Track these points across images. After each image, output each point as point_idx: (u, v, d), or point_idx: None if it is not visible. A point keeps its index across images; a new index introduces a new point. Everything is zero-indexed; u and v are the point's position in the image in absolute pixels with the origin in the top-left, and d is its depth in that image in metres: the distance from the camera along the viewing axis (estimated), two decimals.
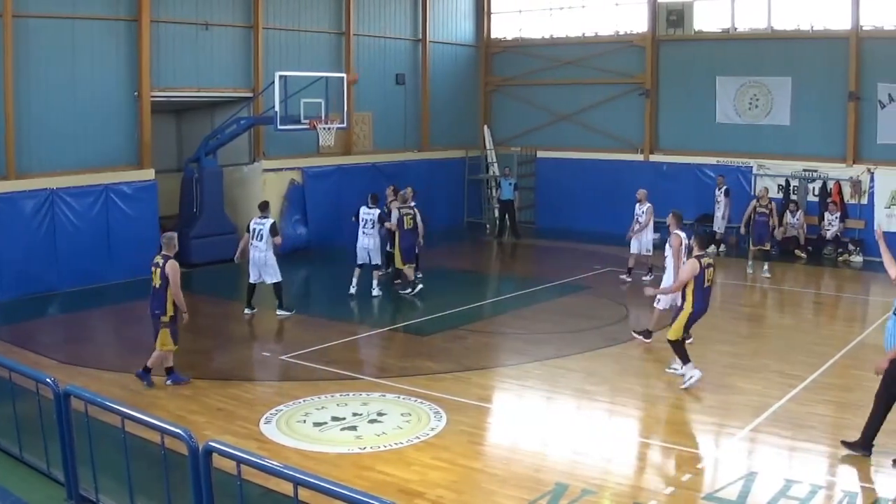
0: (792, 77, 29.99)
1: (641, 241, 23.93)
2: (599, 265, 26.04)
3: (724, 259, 27.78)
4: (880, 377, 11.83)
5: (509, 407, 14.35)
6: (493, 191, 34.36)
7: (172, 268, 14.37)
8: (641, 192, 24.36)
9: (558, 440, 12.57)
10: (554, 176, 32.61)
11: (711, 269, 14.75)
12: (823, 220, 28.19)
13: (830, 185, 29.02)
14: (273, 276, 19.52)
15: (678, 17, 31.72)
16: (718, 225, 28.93)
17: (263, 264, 19.40)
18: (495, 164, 34.85)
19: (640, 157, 32.64)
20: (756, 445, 12.40)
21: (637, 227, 23.86)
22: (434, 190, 29.74)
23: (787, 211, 29.06)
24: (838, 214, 28.07)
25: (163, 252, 14.73)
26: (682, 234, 17.20)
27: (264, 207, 20.00)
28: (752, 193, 30.06)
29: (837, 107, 29.17)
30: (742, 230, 24.31)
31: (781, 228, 28.82)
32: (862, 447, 11.75)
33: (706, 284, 14.65)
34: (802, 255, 28.23)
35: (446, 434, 12.31)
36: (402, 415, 13.02)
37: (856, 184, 28.79)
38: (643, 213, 23.90)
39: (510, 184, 31.48)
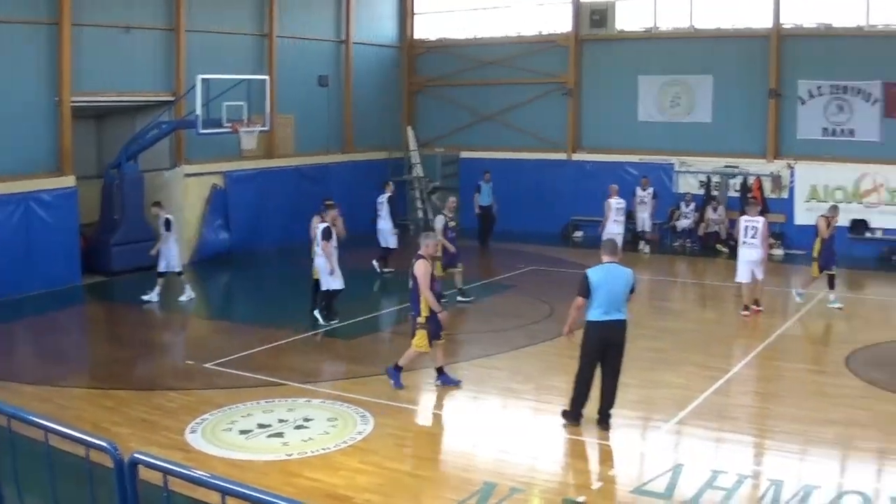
0: (713, 75, 30.41)
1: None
2: (523, 264, 26.16)
3: (650, 257, 28.15)
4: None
5: (436, 408, 14.33)
6: (420, 192, 34.32)
7: (419, 268, 14.15)
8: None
9: (485, 440, 12.58)
10: (478, 176, 32.52)
11: None
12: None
13: (751, 180, 29.43)
14: (323, 282, 18.89)
15: (601, 17, 31.98)
16: (642, 224, 29.26)
17: (320, 268, 18.92)
18: (419, 166, 34.73)
19: (563, 156, 32.83)
20: (682, 438, 12.54)
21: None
22: (358, 192, 29.59)
23: (709, 207, 29.49)
24: (759, 209, 28.43)
25: (419, 251, 14.57)
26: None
27: (324, 210, 19.49)
28: (675, 191, 30.53)
29: (758, 104, 29.64)
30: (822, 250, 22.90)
31: (703, 224, 29.30)
32: (574, 417, 12.65)
33: None
34: (724, 249, 28.57)
35: (373, 438, 12.25)
36: (328, 420, 12.95)
37: (776, 179, 29.26)
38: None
39: (490, 188, 30.79)
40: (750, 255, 20.23)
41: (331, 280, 18.65)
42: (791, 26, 29.41)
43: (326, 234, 18.38)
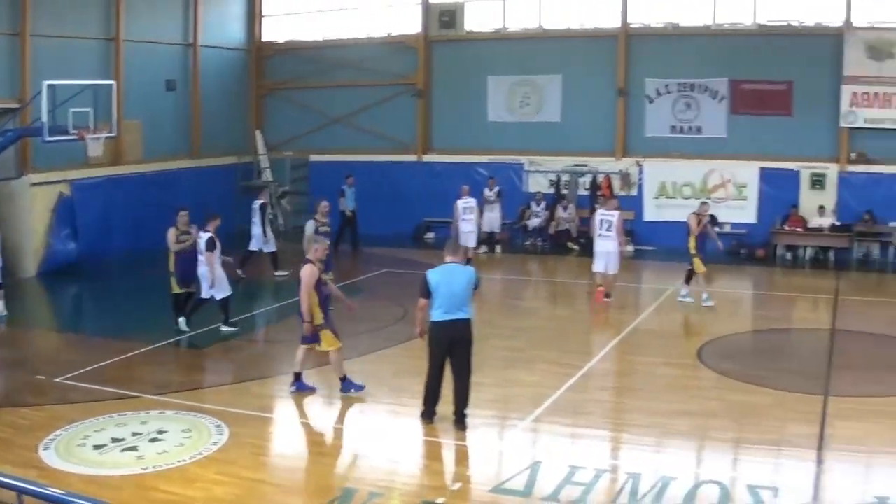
0: (562, 75, 30.90)
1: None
2: (376, 267, 26.11)
3: (501, 256, 28.40)
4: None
5: (291, 415, 14.16)
6: (270, 196, 33.75)
7: (304, 272, 14.01)
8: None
9: (343, 445, 12.57)
10: (327, 180, 31.71)
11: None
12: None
13: (600, 178, 29.93)
14: (204, 290, 18.48)
15: (450, 18, 32.19)
16: (490, 224, 29.18)
17: (202, 278, 18.45)
18: (268, 170, 34.22)
19: (413, 158, 32.91)
20: (538, 435, 12.70)
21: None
22: (206, 198, 28.92)
23: (559, 206, 29.90)
24: (616, 203, 28.94)
25: (307, 256, 14.41)
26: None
27: (211, 219, 18.88)
28: (525, 191, 30.88)
29: (607, 103, 30.26)
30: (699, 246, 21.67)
31: (554, 222, 29.69)
32: (427, 416, 12.85)
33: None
34: (575, 247, 29.05)
35: (229, 448, 12.05)
36: (182, 431, 12.69)
37: (625, 176, 29.85)
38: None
39: (353, 192, 30.15)
40: (605, 247, 21.25)
41: (211, 290, 18.39)
42: (639, 26, 30.10)
43: (211, 245, 18.13)
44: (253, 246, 25.01)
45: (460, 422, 12.60)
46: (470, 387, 12.65)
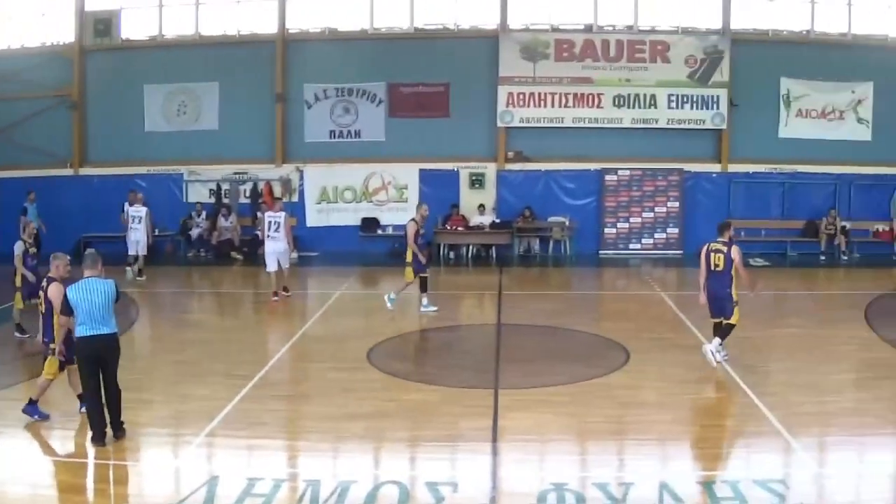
0: (219, 82, 30.67)
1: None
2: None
3: (164, 268, 27.72)
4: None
5: None
6: None
7: (52, 292, 13.08)
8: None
9: (13, 475, 11.82)
10: None
11: None
12: (257, 220, 28.91)
13: (261, 185, 29.86)
14: None
15: (106, 26, 31.31)
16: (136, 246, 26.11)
17: None
18: None
19: (69, 172, 31.67)
20: (214, 450, 12.41)
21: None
22: None
23: (220, 215, 29.58)
24: (281, 204, 28.88)
25: (49, 273, 13.26)
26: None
27: None
28: (186, 201, 30.38)
29: (265, 109, 30.25)
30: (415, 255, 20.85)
31: (216, 232, 29.34)
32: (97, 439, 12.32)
33: None
34: (239, 256, 28.91)
35: None
36: None
37: (286, 182, 29.89)
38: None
39: (35, 208, 28.54)
40: (275, 247, 22.25)
41: None
42: (296, 31, 30.19)
43: None
44: None
45: (117, 430, 12.31)
46: (120, 394, 12.39)
